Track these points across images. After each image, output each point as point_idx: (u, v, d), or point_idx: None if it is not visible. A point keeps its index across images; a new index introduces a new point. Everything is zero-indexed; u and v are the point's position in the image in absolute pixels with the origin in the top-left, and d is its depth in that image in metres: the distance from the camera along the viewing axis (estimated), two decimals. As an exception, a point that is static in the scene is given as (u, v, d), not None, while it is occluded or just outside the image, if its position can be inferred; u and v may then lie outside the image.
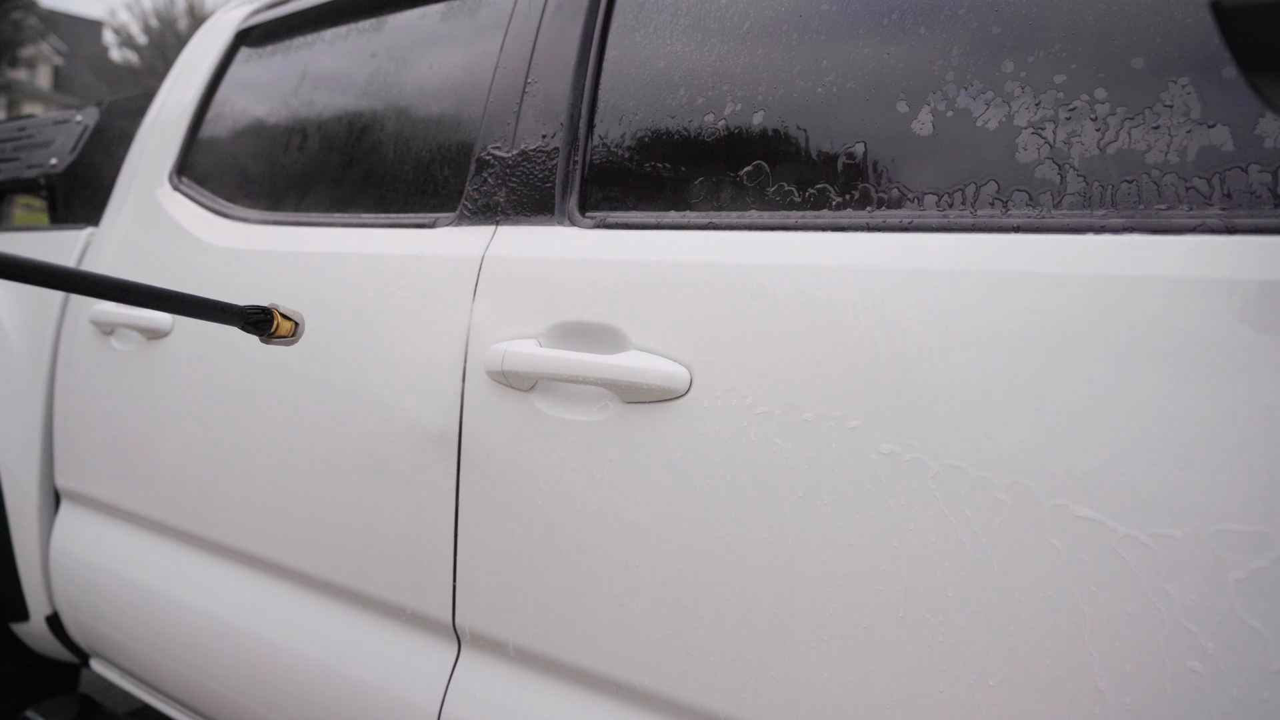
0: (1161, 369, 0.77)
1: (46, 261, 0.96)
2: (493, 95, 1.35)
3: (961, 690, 0.84)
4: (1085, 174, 0.87)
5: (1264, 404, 0.72)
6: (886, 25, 1.03)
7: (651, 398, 1.04)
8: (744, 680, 0.98)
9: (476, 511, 1.20)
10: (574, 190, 1.23)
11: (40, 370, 1.93)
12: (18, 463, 1.94)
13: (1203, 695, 0.73)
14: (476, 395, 1.20)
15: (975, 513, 0.84)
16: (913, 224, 0.94)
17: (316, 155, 1.67)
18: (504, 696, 1.20)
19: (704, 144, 1.14)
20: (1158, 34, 0.86)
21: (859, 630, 0.90)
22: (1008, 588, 0.82)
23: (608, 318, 1.10)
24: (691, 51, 1.19)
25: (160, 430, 1.67)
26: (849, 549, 0.91)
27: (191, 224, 1.73)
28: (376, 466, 1.32)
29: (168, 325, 1.66)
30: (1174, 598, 0.75)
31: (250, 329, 1.13)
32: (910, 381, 0.88)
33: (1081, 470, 0.79)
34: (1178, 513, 0.75)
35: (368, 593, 1.35)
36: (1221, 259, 0.77)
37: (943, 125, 0.96)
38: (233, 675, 1.53)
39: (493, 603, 1.20)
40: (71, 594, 1.87)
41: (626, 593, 1.06)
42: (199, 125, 1.91)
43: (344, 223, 1.50)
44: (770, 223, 1.04)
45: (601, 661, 1.09)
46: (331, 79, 1.70)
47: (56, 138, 2.26)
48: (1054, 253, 0.84)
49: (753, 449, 0.97)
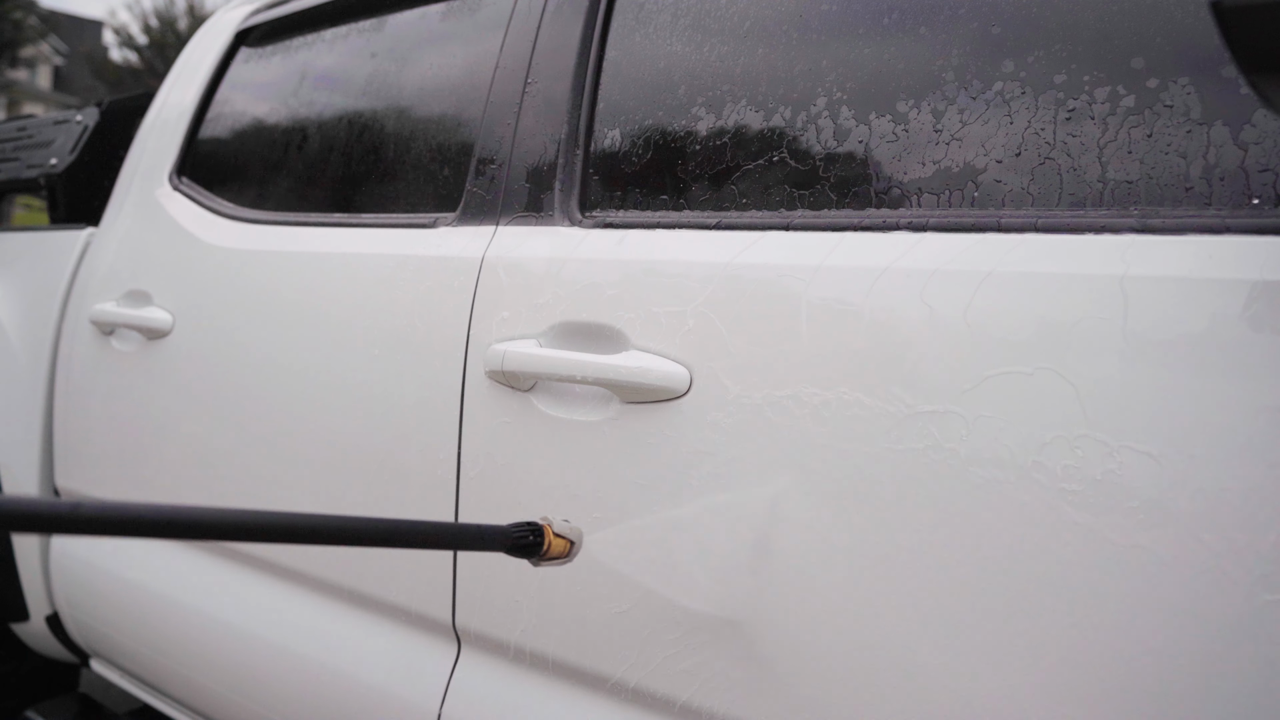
0: (1164, 369, 0.77)
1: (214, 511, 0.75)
2: (493, 95, 1.35)
3: (961, 690, 0.84)
4: (1086, 174, 0.87)
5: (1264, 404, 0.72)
6: (886, 25, 1.03)
7: (651, 398, 1.04)
8: (745, 679, 0.98)
9: (476, 511, 1.20)
10: (574, 190, 1.23)
11: (40, 370, 1.93)
12: (18, 463, 1.94)
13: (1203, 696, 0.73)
14: (476, 395, 1.20)
15: (977, 514, 0.84)
16: (914, 223, 0.94)
17: (316, 155, 1.67)
18: (504, 696, 1.20)
19: (704, 144, 1.14)
20: (1158, 33, 0.86)
21: (859, 631, 0.90)
22: (1008, 587, 0.82)
23: (608, 318, 1.10)
24: (692, 51, 1.19)
25: (160, 430, 1.67)
26: (849, 549, 0.91)
27: (191, 224, 1.73)
28: (376, 466, 1.32)
29: (167, 325, 1.66)
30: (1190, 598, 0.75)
31: (517, 553, 0.97)
32: (913, 381, 0.88)
33: (1082, 470, 0.79)
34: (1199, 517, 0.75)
35: (367, 593, 1.35)
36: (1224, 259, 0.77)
37: (943, 125, 0.96)
38: (232, 675, 1.53)
39: (493, 603, 1.20)
40: (71, 594, 1.87)
41: (626, 593, 1.06)
42: (199, 125, 1.91)
43: (344, 223, 1.50)
44: (770, 222, 1.04)
45: (602, 662, 1.09)
46: (331, 79, 1.70)
47: (56, 138, 2.26)
48: (1054, 252, 0.84)
49: (753, 449, 0.97)
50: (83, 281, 1.89)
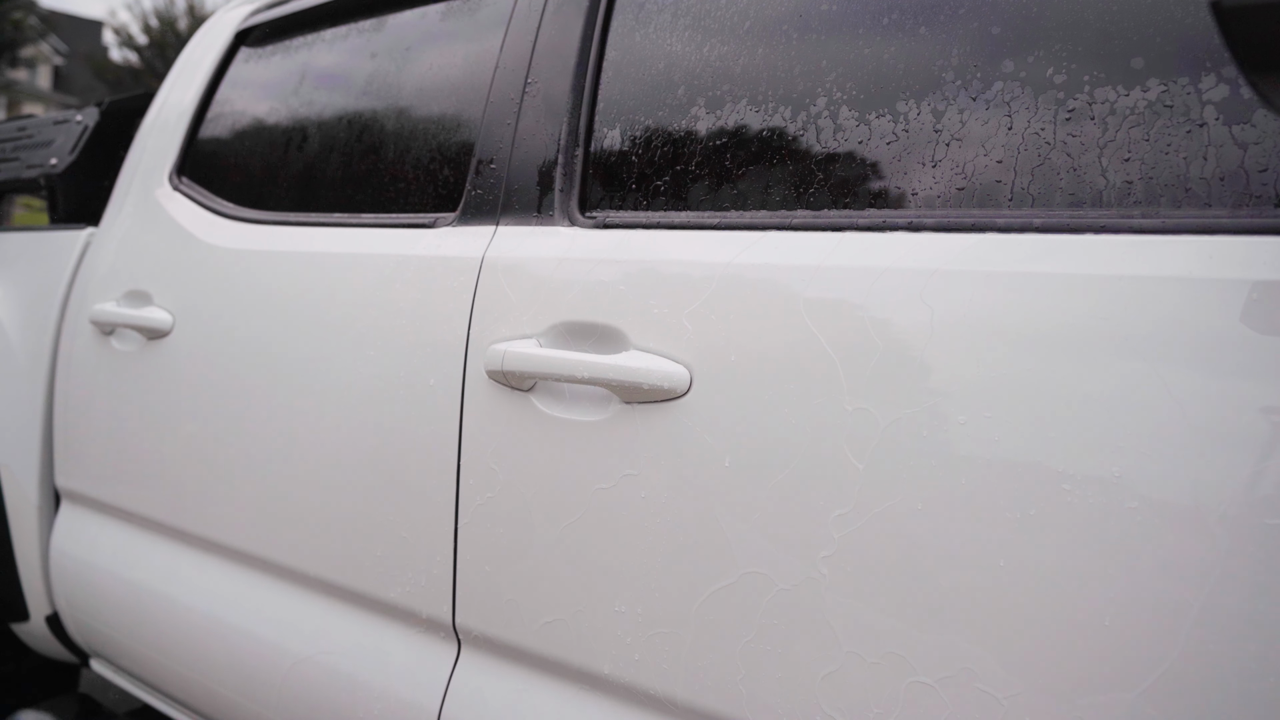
0: (1164, 369, 0.77)
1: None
2: (493, 95, 1.35)
3: (962, 684, 0.84)
4: (1088, 174, 0.87)
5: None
6: (886, 25, 1.03)
7: (651, 398, 1.04)
8: (746, 678, 0.98)
9: (476, 511, 1.20)
10: (574, 190, 1.23)
11: (40, 370, 1.93)
12: (18, 463, 1.94)
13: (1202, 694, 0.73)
14: (476, 395, 1.20)
15: (980, 513, 0.84)
16: (914, 223, 0.94)
17: (317, 155, 1.67)
18: (504, 696, 1.20)
19: (704, 144, 1.14)
20: (1158, 33, 0.86)
21: (860, 629, 0.90)
22: (1010, 587, 0.82)
23: (608, 318, 1.10)
24: (692, 51, 1.19)
25: (160, 430, 1.67)
26: (849, 549, 0.91)
27: (191, 224, 1.73)
28: (376, 466, 1.32)
29: (167, 325, 1.66)
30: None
31: None
32: (913, 380, 0.88)
33: (1081, 470, 0.79)
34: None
35: (367, 592, 1.35)
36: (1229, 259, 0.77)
37: (943, 124, 0.96)
38: (232, 675, 1.53)
39: (493, 603, 1.20)
40: (71, 594, 1.87)
41: (626, 593, 1.06)
42: (199, 125, 1.91)
43: (344, 223, 1.50)
44: (770, 222, 1.04)
45: (601, 662, 1.09)
46: (331, 79, 1.70)
47: (56, 138, 2.26)
48: (1053, 253, 0.84)
49: (753, 449, 0.97)
50: (83, 281, 1.89)
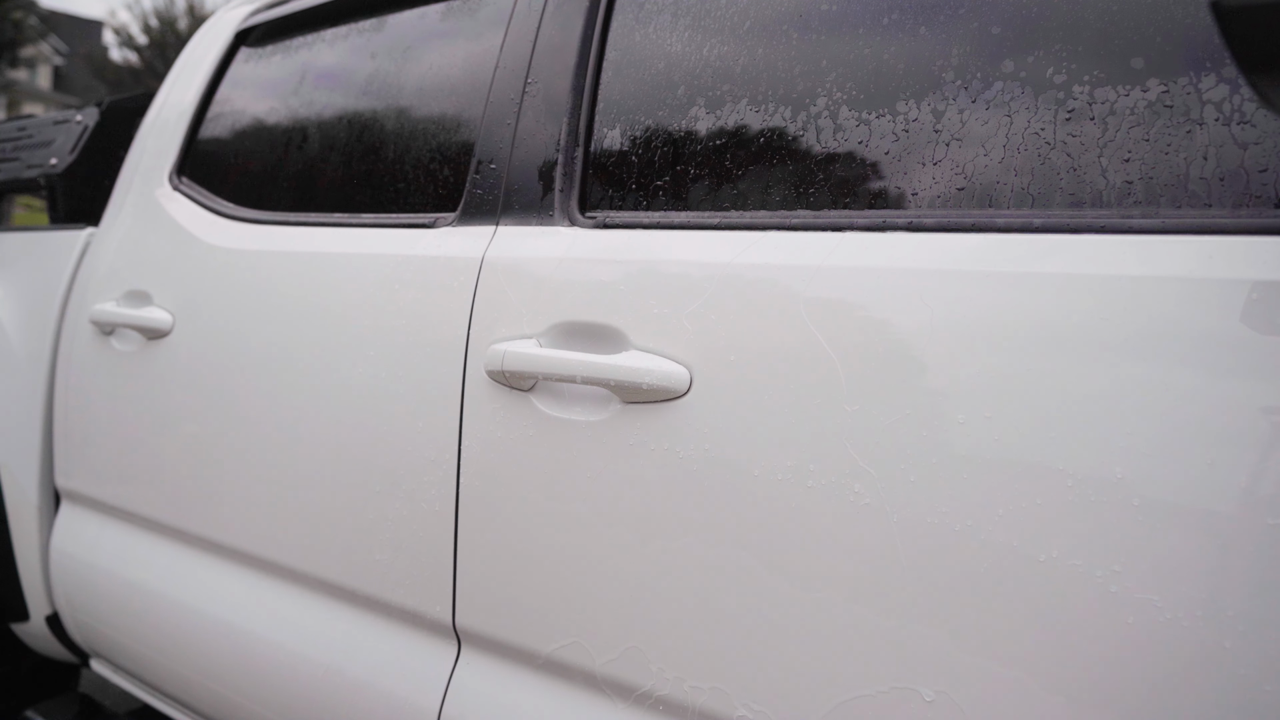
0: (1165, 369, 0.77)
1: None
2: (493, 95, 1.35)
3: (962, 685, 0.84)
4: (1088, 174, 0.87)
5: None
6: (886, 25, 1.03)
7: (651, 398, 1.04)
8: (746, 677, 0.98)
9: (476, 511, 1.20)
10: (574, 190, 1.23)
11: (40, 370, 1.93)
12: (18, 463, 1.94)
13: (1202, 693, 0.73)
14: (476, 395, 1.20)
15: (980, 512, 0.84)
16: (914, 223, 0.94)
17: (317, 155, 1.67)
18: (504, 696, 1.20)
19: (704, 144, 1.14)
20: (1158, 33, 0.86)
21: (860, 630, 0.90)
22: (1010, 586, 0.82)
23: (608, 318, 1.10)
24: (692, 51, 1.19)
25: (160, 430, 1.67)
26: (849, 549, 0.91)
27: (191, 224, 1.73)
28: (376, 466, 1.32)
29: (167, 325, 1.66)
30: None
31: None
32: (913, 381, 0.88)
33: (1081, 469, 0.79)
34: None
35: (368, 593, 1.35)
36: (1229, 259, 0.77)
37: (943, 124, 0.96)
38: (233, 675, 1.53)
39: (493, 603, 1.20)
40: (71, 594, 1.87)
41: (626, 593, 1.06)
42: (199, 125, 1.91)
43: (344, 223, 1.50)
44: (770, 222, 1.04)
45: (602, 662, 1.09)
46: (331, 79, 1.70)
47: (56, 138, 2.26)
48: (1053, 253, 0.84)
49: (753, 449, 0.97)
50: (83, 281, 1.89)
